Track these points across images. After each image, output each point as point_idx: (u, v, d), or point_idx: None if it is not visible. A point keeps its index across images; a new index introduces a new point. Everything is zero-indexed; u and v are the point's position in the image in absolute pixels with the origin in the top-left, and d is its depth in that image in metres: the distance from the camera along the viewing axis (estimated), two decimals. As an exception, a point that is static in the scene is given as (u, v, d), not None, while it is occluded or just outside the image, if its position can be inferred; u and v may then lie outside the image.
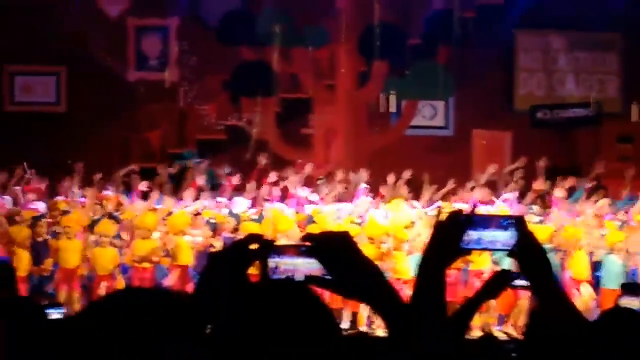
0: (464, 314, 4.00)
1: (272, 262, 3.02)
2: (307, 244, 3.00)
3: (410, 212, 19.18)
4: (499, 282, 4.38)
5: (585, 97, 23.53)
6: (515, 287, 4.23)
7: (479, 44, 23.31)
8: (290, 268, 3.02)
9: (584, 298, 17.59)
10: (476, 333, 16.29)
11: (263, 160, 20.85)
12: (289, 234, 17.57)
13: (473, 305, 4.12)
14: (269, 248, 3.02)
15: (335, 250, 2.95)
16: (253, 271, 3.00)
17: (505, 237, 3.31)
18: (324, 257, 2.94)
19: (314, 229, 16.12)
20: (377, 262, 3.15)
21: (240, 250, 2.99)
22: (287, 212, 19.17)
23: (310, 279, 2.96)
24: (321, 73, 23.44)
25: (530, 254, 3.32)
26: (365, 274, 2.95)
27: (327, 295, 3.58)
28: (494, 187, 20.26)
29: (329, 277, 2.95)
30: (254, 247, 3.00)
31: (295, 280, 2.98)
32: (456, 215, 3.30)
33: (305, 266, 3.00)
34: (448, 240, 3.25)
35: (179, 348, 2.57)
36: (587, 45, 23.85)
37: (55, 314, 8.79)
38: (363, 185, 20.06)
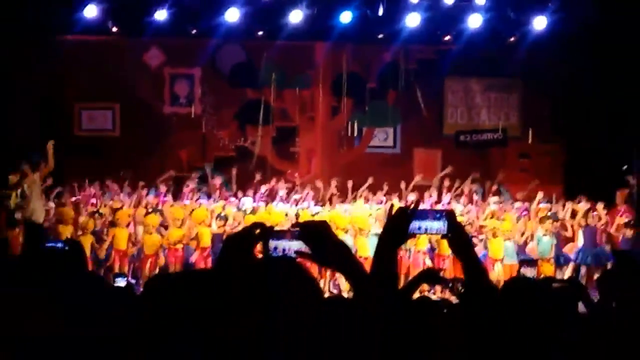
0: (407, 290, 4.01)
1: (272, 243, 3.02)
2: (296, 229, 3.00)
3: (368, 208, 19.27)
4: (427, 276, 4.41)
5: (495, 125, 23.62)
6: (438, 283, 4.26)
7: (418, 87, 23.39)
8: (286, 248, 3.02)
9: (495, 272, 17.60)
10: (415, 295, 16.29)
11: (258, 176, 20.94)
12: (280, 225, 17.58)
13: (412, 286, 4.13)
14: (269, 232, 3.02)
15: (316, 233, 2.95)
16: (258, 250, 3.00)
17: (439, 225, 3.32)
18: (308, 238, 2.94)
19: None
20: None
21: (248, 234, 2.98)
22: (278, 209, 19.25)
23: (298, 253, 2.96)
24: (304, 108, 23.45)
25: (458, 238, 3.33)
26: (338, 251, 2.94)
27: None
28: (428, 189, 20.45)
29: (311, 253, 2.95)
30: (257, 232, 2.99)
31: (288, 256, 2.98)
32: (403, 209, 3.30)
33: (296, 246, 3.00)
34: (398, 228, 3.25)
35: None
36: (496, 88, 23.91)
37: (121, 281, 8.83)
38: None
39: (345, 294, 16.56)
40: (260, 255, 2.99)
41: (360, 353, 2.74)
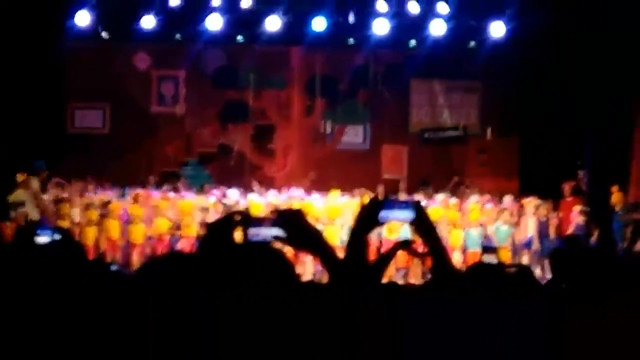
0: (379, 265, 3.97)
1: (252, 230, 2.99)
2: (274, 216, 2.98)
3: (342, 200, 19.31)
4: (403, 245, 4.36)
5: (456, 123, 23.69)
6: (411, 254, 4.22)
7: (386, 88, 23.43)
8: (264, 234, 2.99)
9: (454, 258, 17.70)
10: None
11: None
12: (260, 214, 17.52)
13: (384, 259, 4.09)
14: (248, 220, 3.00)
15: (292, 220, 2.93)
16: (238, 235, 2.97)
17: (406, 214, 3.30)
18: (285, 224, 2.92)
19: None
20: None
21: (228, 221, 2.96)
22: (258, 200, 19.24)
23: (276, 238, 2.94)
24: (281, 107, 23.42)
25: (425, 225, 3.31)
26: (312, 236, 2.93)
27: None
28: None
29: (287, 238, 2.93)
30: (237, 219, 2.97)
31: (266, 241, 2.96)
32: (374, 199, 3.29)
33: (275, 232, 2.97)
34: (369, 216, 3.23)
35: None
36: (458, 89, 23.91)
37: (113, 268, 8.88)
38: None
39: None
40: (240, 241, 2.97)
41: (335, 332, 2.72)
